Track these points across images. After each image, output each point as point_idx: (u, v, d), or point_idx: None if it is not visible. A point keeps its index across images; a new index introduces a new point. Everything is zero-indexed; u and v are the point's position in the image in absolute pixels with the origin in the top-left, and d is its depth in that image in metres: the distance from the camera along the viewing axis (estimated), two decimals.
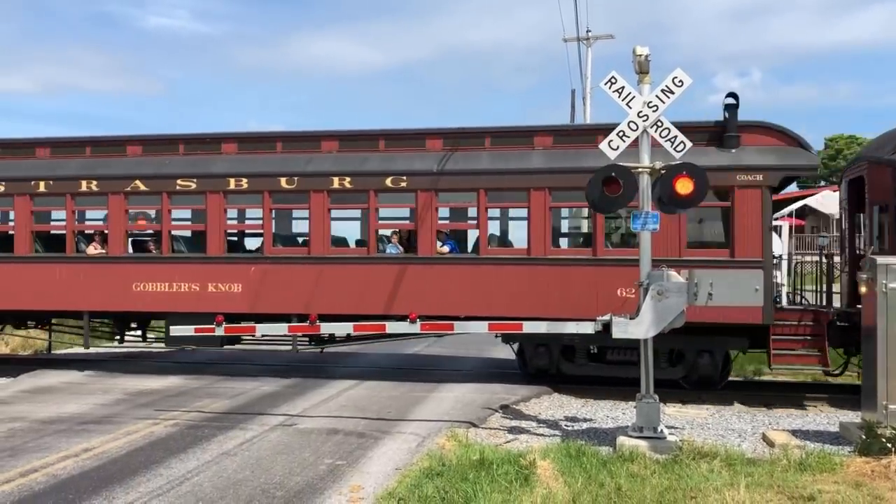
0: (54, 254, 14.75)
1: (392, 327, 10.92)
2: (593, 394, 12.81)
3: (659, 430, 9.03)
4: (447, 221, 14.15)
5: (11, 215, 14.96)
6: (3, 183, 14.68)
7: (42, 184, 14.56)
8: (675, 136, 9.30)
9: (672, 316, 8.89)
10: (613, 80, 9.35)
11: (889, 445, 8.41)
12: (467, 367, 15.97)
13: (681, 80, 9.20)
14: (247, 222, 15.53)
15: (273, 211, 13.99)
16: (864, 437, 8.87)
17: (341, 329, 11.41)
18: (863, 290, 9.54)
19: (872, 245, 11.85)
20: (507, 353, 17.36)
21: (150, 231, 15.19)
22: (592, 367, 13.27)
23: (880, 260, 9.24)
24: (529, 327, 10.31)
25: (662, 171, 9.09)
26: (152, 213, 14.67)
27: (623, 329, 9.08)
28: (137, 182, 14.19)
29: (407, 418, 10.53)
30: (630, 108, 9.29)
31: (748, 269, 11.20)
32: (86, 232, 15.23)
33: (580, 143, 12.97)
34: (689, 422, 10.85)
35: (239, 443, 9.11)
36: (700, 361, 12.71)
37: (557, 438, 9.63)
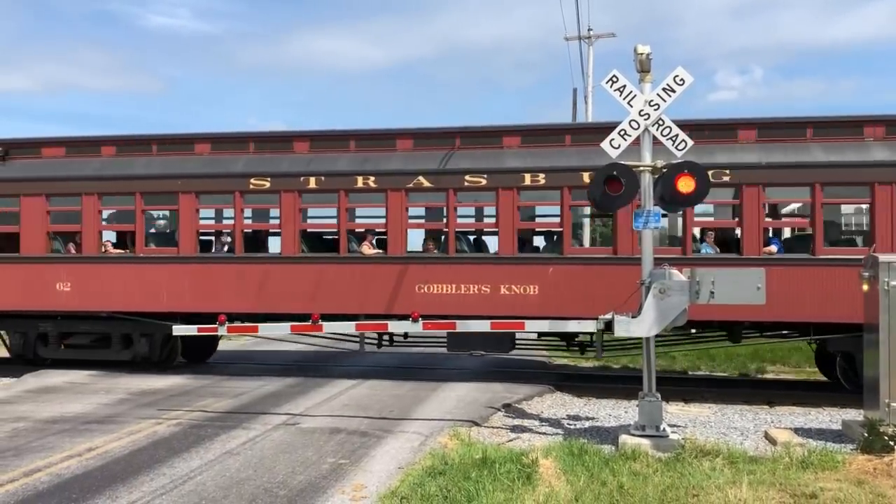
0: (326, 254, 14.05)
1: (393, 326, 10.93)
2: (595, 392, 12.83)
3: (661, 428, 9.03)
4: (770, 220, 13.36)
5: (271, 212, 14.64)
6: (269, 178, 13.88)
7: (312, 180, 13.70)
8: (677, 135, 9.30)
9: (675, 314, 8.90)
10: (615, 79, 9.35)
11: (892, 443, 8.42)
12: (469, 366, 15.98)
13: (682, 79, 9.21)
14: (539, 220, 14.61)
15: (571, 209, 13.02)
16: (866, 434, 8.87)
17: (343, 328, 11.43)
18: (865, 287, 9.54)
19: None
20: (512, 352, 17.36)
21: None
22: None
23: (882, 258, 9.25)
24: (532, 326, 10.31)
25: (664, 170, 9.10)
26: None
27: (625, 327, 9.09)
28: (421, 178, 13.27)
29: (409, 417, 10.54)
30: (631, 106, 9.30)
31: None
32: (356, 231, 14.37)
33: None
34: (691, 420, 10.86)
35: (242, 442, 9.12)
36: None
37: (560, 437, 9.64)
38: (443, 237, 13.65)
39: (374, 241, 14.01)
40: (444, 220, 13.48)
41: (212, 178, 14.11)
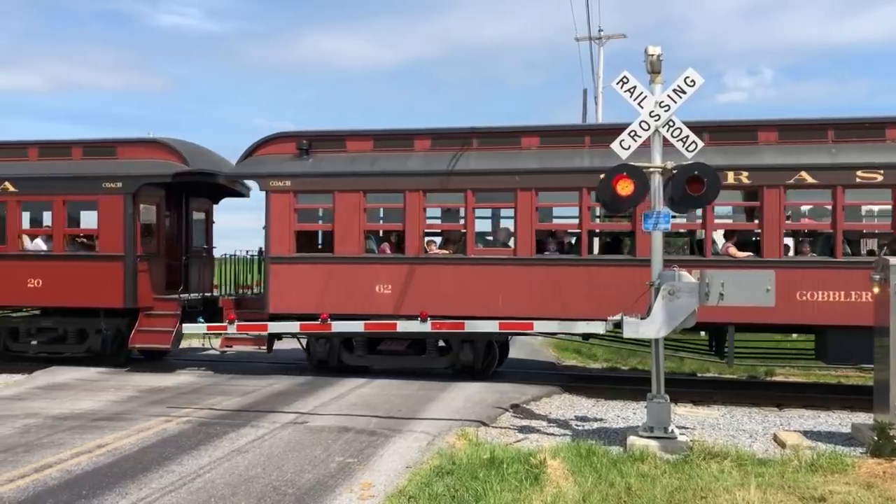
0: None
1: (402, 326, 10.95)
2: (604, 393, 12.81)
3: (669, 430, 9.02)
4: None
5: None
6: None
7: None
8: (687, 136, 9.28)
9: (684, 316, 8.88)
10: (625, 80, 9.34)
11: None
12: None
13: (693, 80, 9.19)
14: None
15: None
16: (876, 438, 8.84)
17: (351, 328, 11.45)
18: (875, 290, 9.50)
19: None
20: (517, 352, 17.38)
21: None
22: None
23: (893, 260, 9.21)
24: (540, 326, 10.31)
25: (674, 171, 9.08)
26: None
27: (634, 329, 9.08)
28: (803, 174, 12.30)
29: (417, 417, 10.56)
30: (642, 108, 9.29)
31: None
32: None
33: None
34: (699, 422, 10.83)
35: (250, 440, 9.16)
36: None
37: (568, 438, 9.64)
38: None
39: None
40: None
41: (551, 175, 13.03)
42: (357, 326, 10.98)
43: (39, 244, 15.56)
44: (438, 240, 14.39)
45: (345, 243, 13.75)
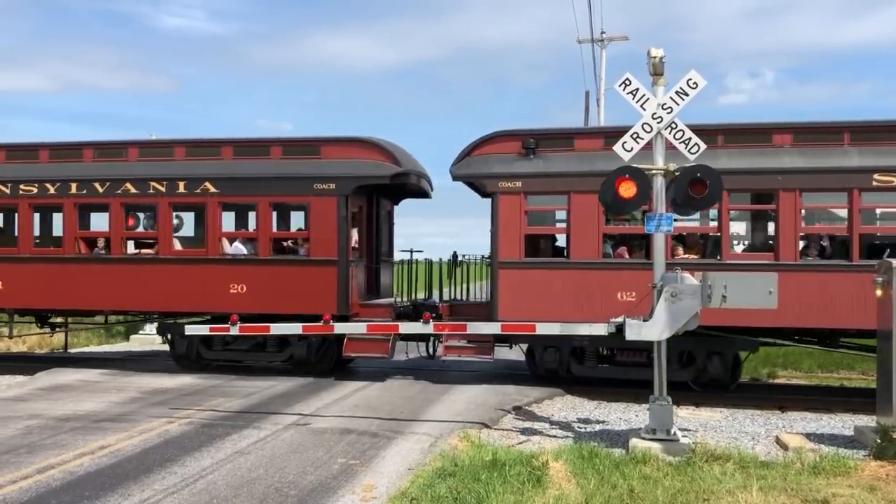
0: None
1: (404, 327, 10.95)
2: (606, 396, 12.80)
3: (672, 432, 9.01)
4: None
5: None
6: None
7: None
8: (690, 139, 9.28)
9: (686, 318, 8.87)
10: (628, 82, 9.34)
11: None
12: (480, 368, 15.97)
13: (695, 82, 9.19)
14: None
15: None
16: (879, 440, 8.82)
17: (353, 329, 11.44)
18: (878, 293, 9.49)
19: None
20: (520, 354, 17.36)
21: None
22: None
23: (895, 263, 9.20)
24: (542, 329, 10.31)
25: (677, 173, 9.08)
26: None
27: (636, 331, 9.07)
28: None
29: (420, 419, 10.56)
30: (644, 110, 9.29)
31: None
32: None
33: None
34: (702, 424, 10.82)
35: (253, 441, 9.16)
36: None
37: (570, 440, 9.63)
38: None
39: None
40: None
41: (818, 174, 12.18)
42: (360, 328, 10.91)
43: (239, 248, 14.68)
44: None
45: (581, 247, 12.92)
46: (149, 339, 20.25)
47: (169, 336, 15.04)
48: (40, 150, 15.27)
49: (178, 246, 14.99)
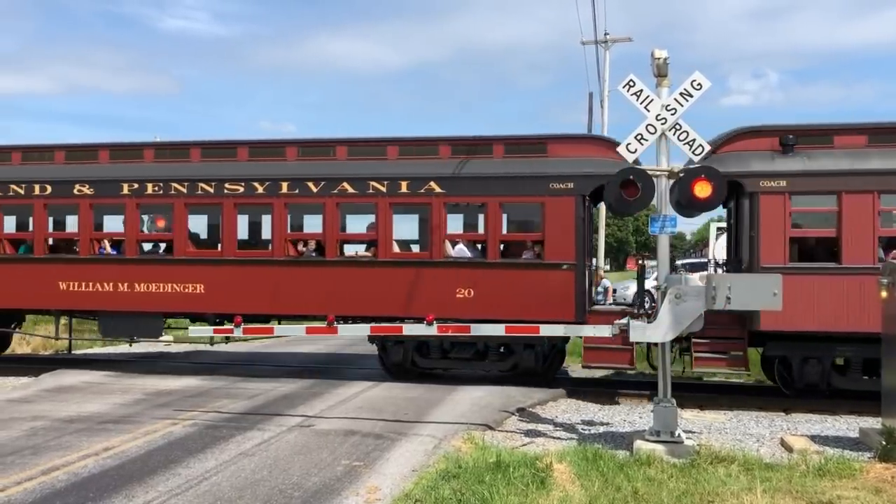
0: None
1: (408, 329, 10.95)
2: (610, 398, 12.79)
3: (676, 434, 9.00)
4: None
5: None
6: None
7: None
8: (694, 140, 9.27)
9: (690, 319, 8.87)
10: (632, 84, 9.34)
11: None
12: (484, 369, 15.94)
13: (699, 84, 9.19)
14: None
15: None
16: (884, 442, 8.80)
17: (357, 330, 11.45)
18: (883, 294, 9.47)
19: None
20: None
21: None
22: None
23: None
24: (546, 330, 10.31)
25: (681, 174, 9.07)
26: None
27: (640, 333, 9.07)
28: None
29: (423, 420, 10.55)
30: (648, 111, 9.29)
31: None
32: None
33: None
34: (706, 426, 10.81)
35: (257, 443, 9.16)
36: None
37: (574, 442, 9.62)
38: None
39: None
40: None
41: None
42: (364, 329, 10.93)
43: (463, 251, 13.90)
44: None
45: (854, 251, 12.03)
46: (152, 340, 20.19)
47: (381, 343, 14.04)
48: (238, 149, 14.55)
49: (395, 248, 14.11)
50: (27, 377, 14.59)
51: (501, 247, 13.90)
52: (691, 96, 9.19)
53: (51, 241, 15.58)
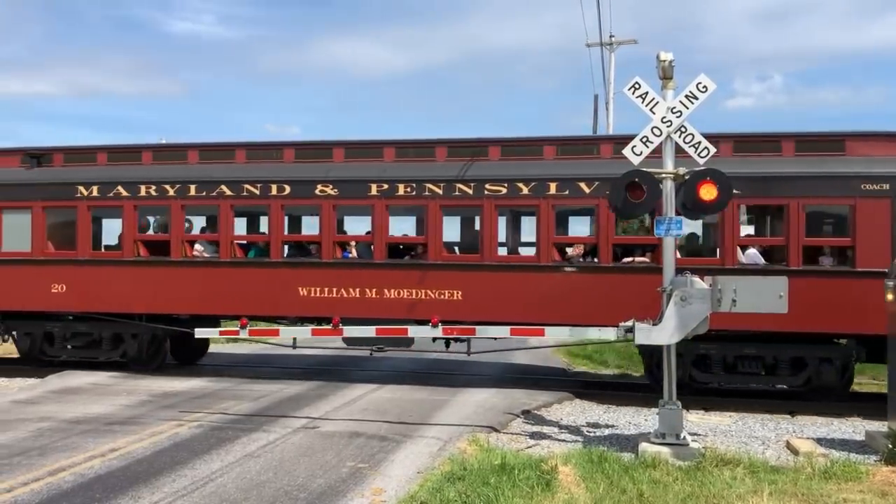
0: None
1: (413, 331, 10.96)
2: (615, 400, 12.78)
3: (682, 436, 8.99)
4: None
5: None
6: None
7: None
8: (699, 142, 9.27)
9: (696, 322, 8.86)
10: (637, 86, 9.34)
11: None
12: (489, 372, 15.98)
13: (705, 86, 9.18)
14: None
15: None
16: (890, 445, 8.78)
17: (363, 332, 11.45)
18: (889, 297, 9.44)
19: None
20: (529, 358, 17.38)
21: None
22: None
23: None
24: (552, 332, 10.30)
25: (686, 177, 9.07)
26: None
27: (646, 335, 9.06)
28: None
29: (429, 422, 10.56)
30: (654, 113, 9.29)
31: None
32: None
33: None
34: (711, 429, 10.79)
35: (262, 444, 9.18)
36: None
37: (579, 444, 9.62)
38: None
39: None
40: None
41: None
42: (369, 331, 10.93)
43: (756, 256, 12.73)
44: None
45: None
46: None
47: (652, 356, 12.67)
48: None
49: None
50: (33, 378, 14.65)
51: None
52: (697, 99, 9.19)
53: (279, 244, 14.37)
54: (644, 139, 9.33)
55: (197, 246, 14.73)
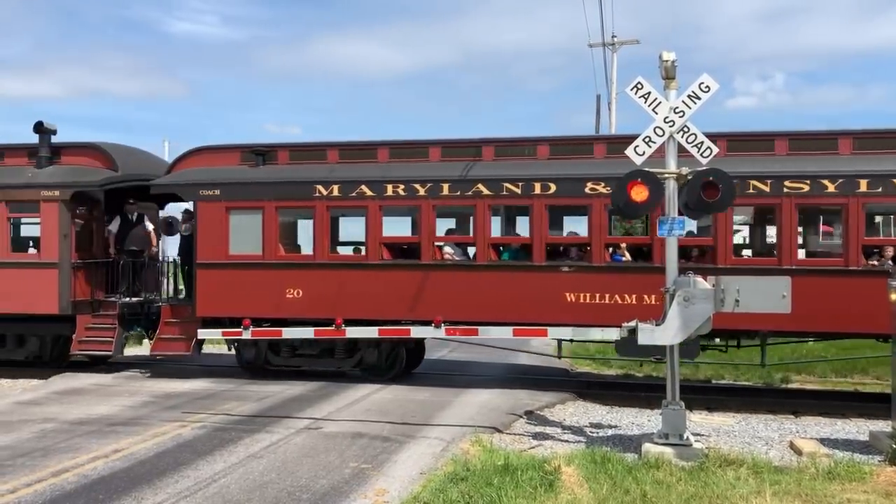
0: None
1: (416, 331, 10.96)
2: (618, 400, 12.76)
3: (685, 437, 8.98)
4: None
5: None
6: None
7: None
8: (702, 143, 9.26)
9: (699, 322, 8.85)
10: (640, 86, 9.34)
11: None
12: (491, 372, 15.96)
13: (707, 86, 9.17)
14: None
15: None
16: (894, 446, 8.76)
17: (365, 333, 11.45)
18: (893, 297, 9.43)
19: None
20: (532, 359, 17.35)
21: None
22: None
23: None
24: (554, 333, 10.29)
25: (689, 177, 9.06)
26: None
27: (649, 336, 9.05)
28: None
29: (431, 423, 10.56)
30: (656, 113, 9.28)
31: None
32: None
33: None
34: (715, 429, 10.78)
35: (265, 445, 9.18)
36: None
37: (582, 445, 9.60)
38: None
39: None
40: None
41: None
42: (372, 332, 10.94)
43: None
44: None
45: None
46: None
47: None
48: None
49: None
50: (37, 380, 14.66)
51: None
52: (699, 98, 9.18)
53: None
54: (647, 139, 9.32)
55: (447, 248, 13.84)
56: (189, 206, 15.30)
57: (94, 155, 15.43)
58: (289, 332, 11.72)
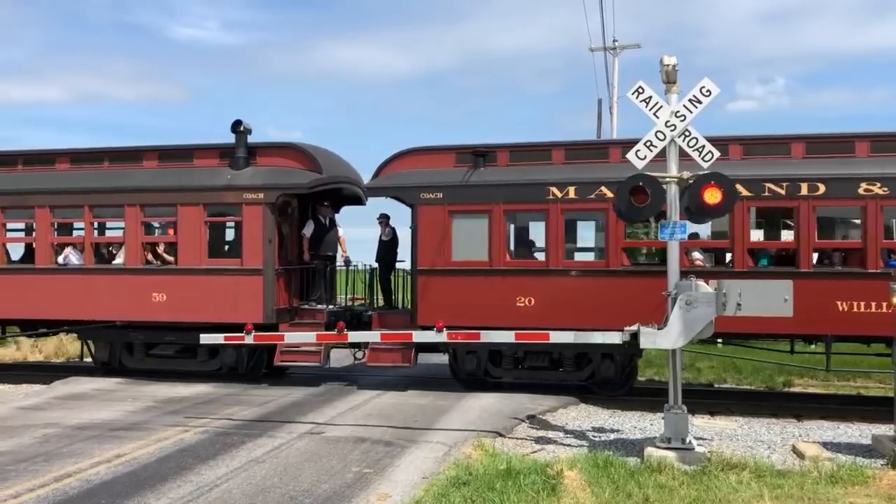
0: None
1: (418, 336, 10.95)
2: (620, 405, 12.75)
3: (687, 441, 8.97)
4: None
5: None
6: None
7: None
8: (703, 146, 9.27)
9: (701, 326, 8.85)
10: (641, 90, 9.35)
11: None
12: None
13: (708, 90, 9.18)
14: None
15: None
16: None
17: (368, 337, 11.47)
18: (894, 300, 9.42)
19: None
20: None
21: None
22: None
23: None
24: (556, 337, 10.28)
25: (690, 181, 9.07)
26: None
27: (651, 339, 9.05)
28: None
29: (433, 427, 10.55)
30: (657, 117, 9.29)
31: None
32: None
33: None
34: (717, 433, 10.76)
35: (267, 450, 9.19)
36: None
37: (584, 449, 9.60)
38: None
39: None
40: None
41: None
42: (374, 336, 10.95)
43: None
44: None
45: None
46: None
47: None
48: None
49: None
50: (39, 385, 14.67)
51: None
52: (700, 102, 9.19)
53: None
54: (648, 143, 9.32)
55: (695, 254, 13.02)
56: (385, 210, 15.17)
57: (295, 156, 14.58)
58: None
